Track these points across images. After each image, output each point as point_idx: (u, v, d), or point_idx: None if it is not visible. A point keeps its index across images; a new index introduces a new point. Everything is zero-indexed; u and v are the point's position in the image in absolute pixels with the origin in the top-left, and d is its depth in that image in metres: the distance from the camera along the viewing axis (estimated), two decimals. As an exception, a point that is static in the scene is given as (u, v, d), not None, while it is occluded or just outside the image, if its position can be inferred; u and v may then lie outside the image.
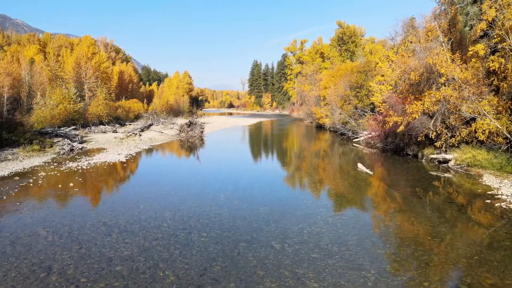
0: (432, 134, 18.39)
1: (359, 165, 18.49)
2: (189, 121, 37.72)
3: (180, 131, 37.61)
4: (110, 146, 27.76)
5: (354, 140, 31.92)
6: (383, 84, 32.63)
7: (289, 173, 17.90)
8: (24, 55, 60.94)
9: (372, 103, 34.96)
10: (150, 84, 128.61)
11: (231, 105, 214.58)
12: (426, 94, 17.46)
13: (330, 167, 19.82)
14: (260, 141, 36.20)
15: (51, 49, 59.80)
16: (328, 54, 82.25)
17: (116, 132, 38.18)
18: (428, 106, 17.32)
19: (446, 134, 18.60)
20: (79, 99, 45.88)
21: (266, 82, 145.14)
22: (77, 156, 22.25)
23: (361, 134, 32.39)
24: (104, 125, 41.63)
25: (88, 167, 18.51)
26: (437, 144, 18.97)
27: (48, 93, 37.24)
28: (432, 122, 17.89)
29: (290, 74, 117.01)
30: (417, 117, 17.67)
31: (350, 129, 34.45)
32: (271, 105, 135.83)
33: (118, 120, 52.23)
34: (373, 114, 32.48)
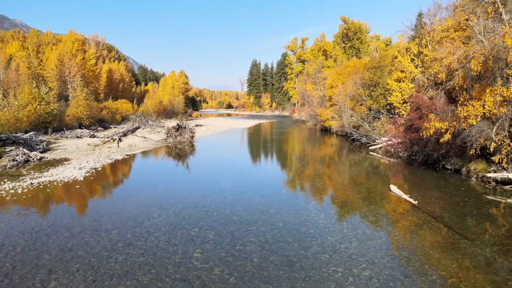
0: (491, 145, 13.56)
1: (393, 188, 13.63)
2: (177, 124, 32.81)
3: (167, 135, 32.71)
4: (77, 155, 22.85)
5: (370, 147, 27.01)
6: (403, 81, 27.82)
7: (299, 202, 12.96)
8: (5, 52, 56.26)
9: (389, 104, 30.13)
10: (146, 84, 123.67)
11: (229, 106, 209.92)
12: (488, 91, 12.61)
13: (352, 189, 14.90)
14: (259, 148, 31.30)
15: (30, 44, 54.80)
16: (331, 52, 77.40)
17: (94, 137, 33.29)
18: (490, 107, 12.49)
19: (509, 146, 13.77)
20: (55, 98, 40.93)
21: (265, 82, 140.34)
22: (25, 172, 17.34)
23: (378, 141, 27.52)
24: (83, 128, 36.69)
25: (27, 190, 13.61)
26: (495, 158, 14.14)
27: (13, 92, 32.33)
28: (494, 129, 13.03)
29: (291, 74, 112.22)
30: (474, 122, 12.83)
31: (364, 134, 29.58)
32: (271, 106, 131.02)
33: (103, 122, 47.35)
34: (392, 117, 27.61)
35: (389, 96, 28.65)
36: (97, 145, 27.78)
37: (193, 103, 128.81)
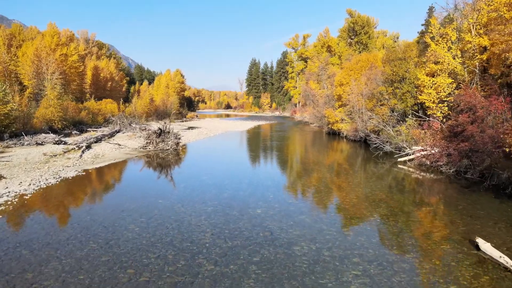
0: None
1: (484, 246, 8.02)
2: (159, 128, 27.14)
3: (146, 142, 27.07)
4: (18, 171, 17.20)
5: (399, 158, 21.38)
6: (438, 74, 22.24)
7: (327, 284, 7.34)
8: (-20, 47, 50.79)
9: (417, 104, 24.58)
10: (141, 84, 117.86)
11: (228, 106, 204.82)
12: None
13: (406, 244, 9.27)
14: (258, 159, 25.69)
15: (1, 37, 49.17)
16: (335, 48, 71.75)
17: (60, 143, 27.62)
18: None
19: None
20: (31, 97, 35.36)
21: (265, 81, 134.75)
22: None
23: (407, 150, 21.90)
24: (49, 133, 30.97)
25: None
26: None
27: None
28: None
29: (292, 72, 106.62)
30: None
31: (386, 141, 23.96)
32: (270, 106, 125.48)
33: (81, 125, 41.69)
34: (425, 120, 21.99)
35: (419, 94, 23.09)
36: (55, 156, 22.10)
37: (190, 104, 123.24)
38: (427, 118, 21.99)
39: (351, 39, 67.12)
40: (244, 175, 17.33)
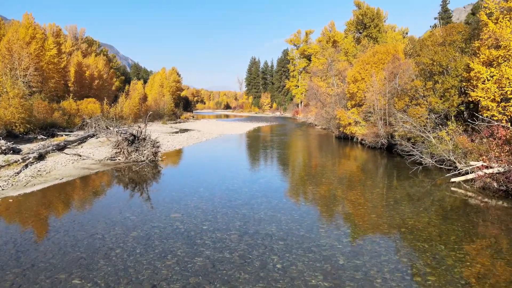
0: None
1: None
2: (132, 134, 21.34)
3: (116, 151, 21.32)
4: None
5: (453, 178, 15.59)
6: (500, 62, 16.49)
7: None
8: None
9: (464, 103, 18.87)
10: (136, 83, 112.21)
11: (227, 106, 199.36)
12: None
13: None
14: (256, 176, 19.91)
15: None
16: (341, 43, 65.99)
17: (8, 152, 21.87)
18: None
19: None
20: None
21: (265, 81, 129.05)
22: None
23: (458, 165, 16.14)
24: (1, 138, 25.16)
25: None
26: None
27: None
28: None
29: (293, 71, 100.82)
30: None
31: (427, 152, 18.20)
32: (271, 106, 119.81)
33: (53, 128, 35.96)
34: (488, 125, 16.17)
35: (471, 90, 17.37)
36: (-17, 173, 16.32)
37: (186, 104, 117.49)
38: (494, 121, 16.17)
39: (360, 33, 61.32)
40: (235, 211, 11.46)
